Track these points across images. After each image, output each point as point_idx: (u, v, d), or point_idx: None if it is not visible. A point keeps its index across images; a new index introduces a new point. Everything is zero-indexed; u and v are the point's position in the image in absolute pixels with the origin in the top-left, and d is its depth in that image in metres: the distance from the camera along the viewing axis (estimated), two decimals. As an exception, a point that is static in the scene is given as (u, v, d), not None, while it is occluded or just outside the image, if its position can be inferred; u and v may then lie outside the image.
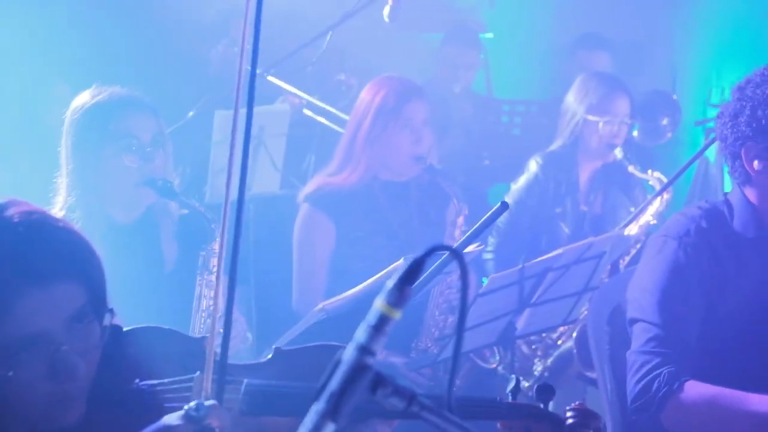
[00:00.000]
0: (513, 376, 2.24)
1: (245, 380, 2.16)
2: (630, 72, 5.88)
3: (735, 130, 2.81)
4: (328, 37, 4.53)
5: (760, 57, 6.34)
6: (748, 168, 2.83)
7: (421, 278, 2.89)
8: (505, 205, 2.67)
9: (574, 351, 4.27)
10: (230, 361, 2.15)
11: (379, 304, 1.49)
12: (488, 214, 2.66)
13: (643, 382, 2.74)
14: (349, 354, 1.46)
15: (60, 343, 1.85)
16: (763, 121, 2.76)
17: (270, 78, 4.94)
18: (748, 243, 2.89)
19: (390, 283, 1.50)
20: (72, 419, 1.92)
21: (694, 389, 2.70)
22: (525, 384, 4.22)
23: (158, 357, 2.23)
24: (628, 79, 5.10)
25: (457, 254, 1.57)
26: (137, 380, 2.12)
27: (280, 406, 2.14)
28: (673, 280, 2.83)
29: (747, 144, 2.80)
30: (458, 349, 1.68)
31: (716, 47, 6.74)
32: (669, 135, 5.66)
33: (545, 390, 2.23)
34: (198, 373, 2.12)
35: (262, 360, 2.36)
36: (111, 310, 1.98)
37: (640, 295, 2.87)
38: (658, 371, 2.73)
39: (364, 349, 1.47)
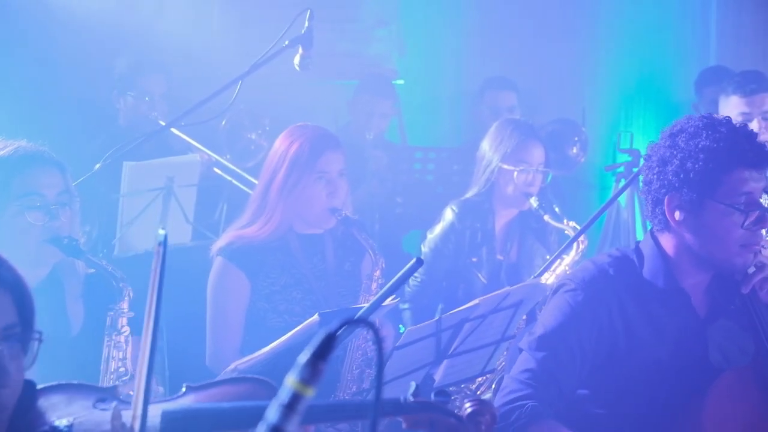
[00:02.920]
0: (413, 382, 2.41)
1: (161, 409, 2.18)
2: (539, 116, 5.95)
3: (661, 177, 2.84)
4: (238, 88, 4.46)
5: (667, 103, 6.49)
6: (668, 217, 2.86)
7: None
8: (419, 262, 2.63)
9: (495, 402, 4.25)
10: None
11: (291, 381, 1.43)
12: (403, 271, 2.62)
13: (506, 408, 2.81)
14: (260, 436, 1.40)
15: None
16: (691, 174, 2.79)
17: (178, 133, 4.90)
18: (657, 293, 2.91)
19: (302, 359, 1.44)
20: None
21: (548, 427, 2.76)
22: None
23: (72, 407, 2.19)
24: (537, 123, 5.16)
25: (370, 326, 1.52)
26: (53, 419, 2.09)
27: (199, 427, 2.13)
28: (566, 324, 2.88)
29: (671, 193, 2.83)
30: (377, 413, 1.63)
31: (624, 92, 6.87)
32: (581, 160, 5.74)
33: (442, 393, 2.44)
34: (114, 403, 2.13)
35: (175, 396, 2.39)
36: (40, 333, 1.93)
37: (535, 328, 2.95)
38: (522, 402, 2.80)
39: (276, 430, 1.41)
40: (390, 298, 3.32)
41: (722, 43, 7.04)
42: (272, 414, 1.40)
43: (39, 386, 2.17)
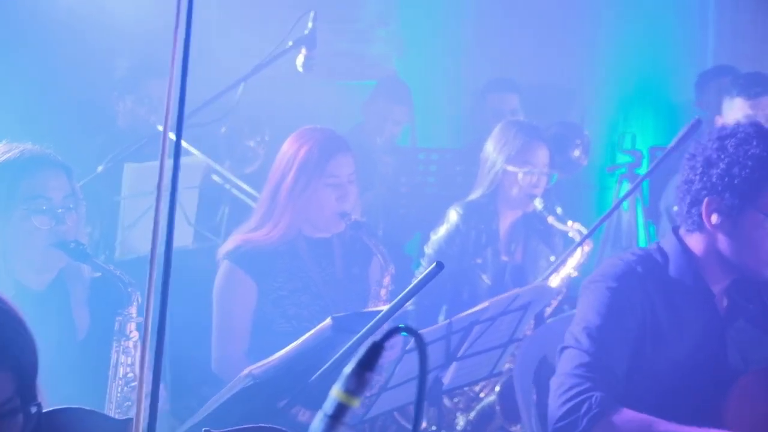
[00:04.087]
0: None
1: None
2: (540, 118, 5.93)
3: (704, 178, 2.82)
4: (240, 89, 4.43)
5: (665, 104, 6.49)
6: (705, 218, 2.84)
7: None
8: (440, 266, 2.60)
9: (497, 406, 4.24)
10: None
11: (336, 392, 1.40)
12: (423, 275, 2.60)
13: (571, 403, 2.73)
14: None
15: None
16: (736, 180, 2.77)
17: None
18: (684, 291, 2.90)
19: (347, 370, 1.41)
20: None
21: (627, 414, 2.70)
22: None
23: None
24: (538, 124, 5.14)
25: (415, 335, 1.49)
26: None
27: None
28: (607, 314, 2.84)
29: (712, 196, 2.82)
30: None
31: (623, 93, 6.88)
32: (584, 163, 5.73)
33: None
34: None
35: None
36: (39, 404, 1.84)
37: (573, 327, 2.89)
38: (588, 394, 2.73)
39: (323, 441, 1.38)
40: (408, 303, 3.29)
41: (720, 44, 7.05)
42: (318, 425, 1.37)
43: (46, 410, 2.07)
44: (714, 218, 2.84)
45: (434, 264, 2.50)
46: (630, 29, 6.83)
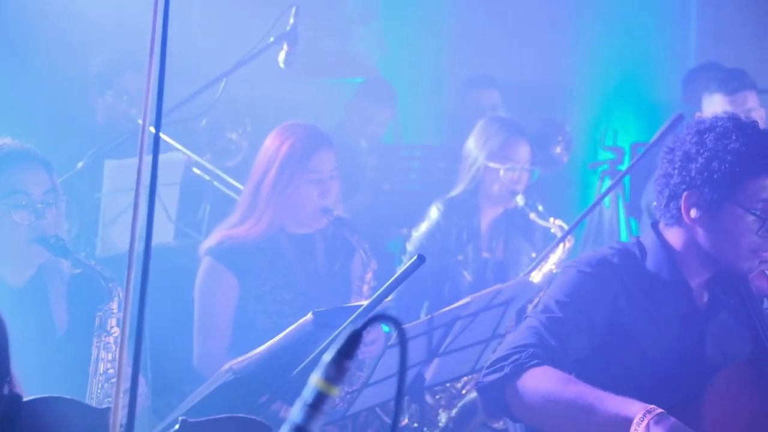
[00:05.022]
0: None
1: None
2: (522, 114, 5.94)
3: (683, 172, 2.83)
4: (222, 85, 4.42)
5: (647, 102, 6.51)
6: (683, 213, 2.85)
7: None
8: (421, 259, 2.60)
9: (480, 401, 4.24)
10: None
11: (315, 380, 1.39)
12: (404, 268, 2.59)
13: (506, 352, 2.72)
14: (285, 436, 1.36)
15: None
16: (715, 175, 2.77)
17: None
18: (660, 284, 2.91)
19: (327, 358, 1.41)
20: None
21: (550, 371, 2.67)
22: None
23: (60, 430, 2.10)
24: (521, 120, 5.15)
25: (395, 323, 1.49)
26: None
27: None
28: (572, 294, 2.84)
29: (691, 190, 2.82)
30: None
31: (605, 90, 6.89)
32: (565, 160, 5.74)
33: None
34: None
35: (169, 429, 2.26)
36: (9, 380, 1.84)
37: (539, 303, 2.90)
38: (523, 348, 2.71)
39: (301, 430, 1.37)
40: (389, 298, 3.29)
41: (702, 43, 7.09)
42: (297, 413, 1.37)
43: (27, 398, 2.07)
44: (693, 212, 2.84)
45: (415, 257, 2.49)
46: (613, 27, 6.84)
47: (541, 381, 2.67)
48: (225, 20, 5.75)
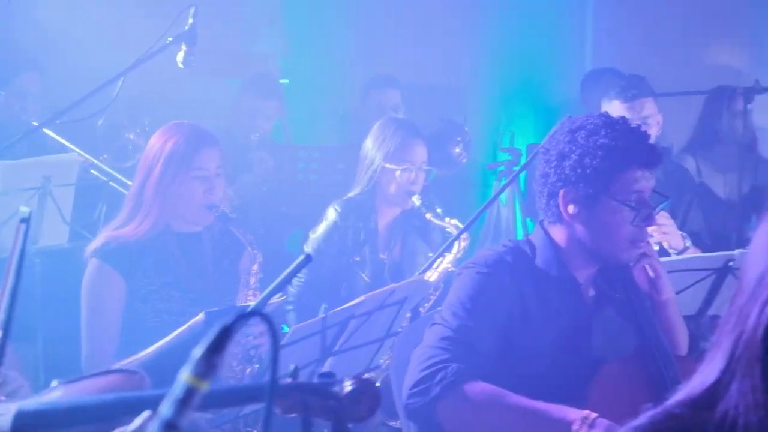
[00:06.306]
0: (292, 364, 2.19)
1: (18, 407, 2.00)
2: (424, 114, 6.00)
3: (559, 171, 2.92)
4: (120, 85, 4.37)
5: (546, 103, 6.63)
6: (562, 209, 2.94)
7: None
8: (308, 258, 2.61)
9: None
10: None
11: (185, 376, 1.40)
12: (292, 267, 2.60)
13: (428, 371, 2.79)
14: (153, 430, 1.37)
15: None
16: (588, 170, 2.87)
17: (51, 134, 4.79)
18: (550, 280, 2.99)
19: (197, 353, 1.42)
20: None
21: (480, 386, 2.76)
22: None
23: None
24: (421, 122, 5.20)
25: (265, 318, 1.51)
26: None
27: (58, 424, 1.98)
28: (475, 296, 2.91)
29: (567, 187, 2.91)
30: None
31: (504, 93, 6.99)
32: (464, 160, 5.81)
33: (327, 375, 2.23)
34: None
35: (45, 391, 2.22)
36: None
37: (443, 308, 2.96)
38: (445, 364, 2.79)
39: (170, 425, 1.38)
40: (277, 296, 3.30)
41: (598, 46, 7.22)
42: (166, 409, 1.38)
43: None
44: (571, 208, 2.93)
45: (302, 256, 2.51)
46: (512, 31, 6.94)
47: (474, 398, 2.74)
48: (124, 18, 5.68)
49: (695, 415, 1.56)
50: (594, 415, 2.65)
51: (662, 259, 3.54)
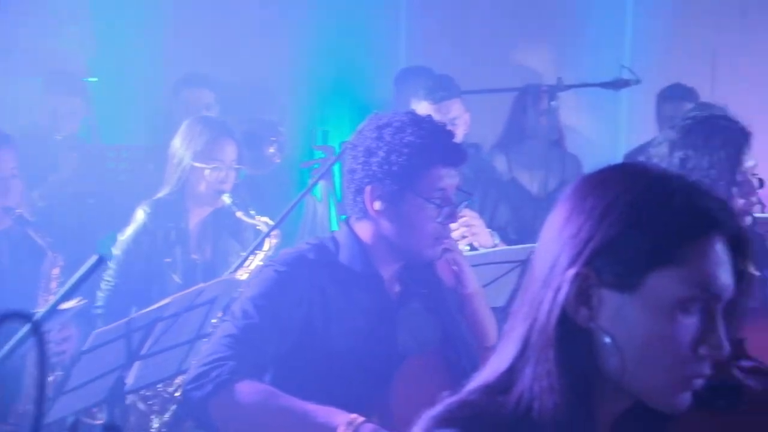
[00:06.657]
0: (71, 418, 2.15)
1: None
2: (238, 113, 5.94)
3: (366, 167, 2.94)
4: None
5: (361, 102, 6.68)
6: (368, 206, 2.96)
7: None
8: (101, 260, 2.54)
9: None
10: None
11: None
12: (82, 270, 2.52)
13: (205, 368, 2.79)
14: None
15: None
16: (395, 167, 2.90)
17: None
18: (353, 276, 3.01)
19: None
20: None
21: (252, 385, 2.77)
22: None
23: None
24: (235, 121, 5.15)
25: (27, 319, 1.45)
26: None
27: None
28: (267, 294, 2.92)
29: (374, 184, 2.93)
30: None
31: (320, 91, 7.01)
32: (278, 160, 5.78)
33: (112, 428, 2.22)
34: None
35: None
36: None
37: (235, 303, 2.98)
38: (223, 362, 2.79)
39: None
40: (76, 300, 3.21)
41: (411, 46, 7.33)
42: None
43: None
44: (377, 205, 2.96)
45: (95, 257, 2.43)
46: (327, 29, 6.95)
47: (244, 397, 2.74)
48: None
49: (490, 400, 1.59)
50: (360, 419, 2.67)
51: (466, 254, 3.63)
